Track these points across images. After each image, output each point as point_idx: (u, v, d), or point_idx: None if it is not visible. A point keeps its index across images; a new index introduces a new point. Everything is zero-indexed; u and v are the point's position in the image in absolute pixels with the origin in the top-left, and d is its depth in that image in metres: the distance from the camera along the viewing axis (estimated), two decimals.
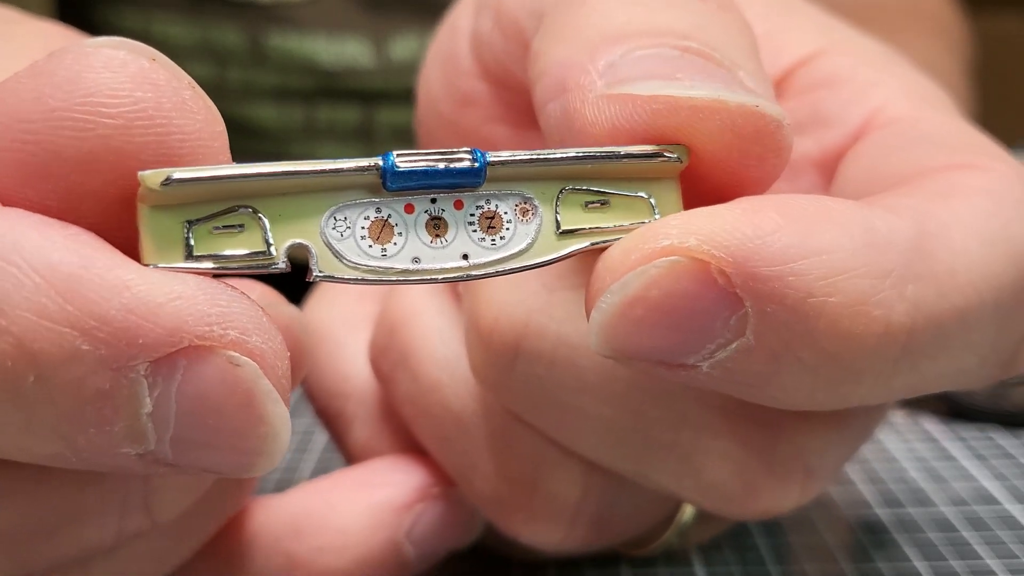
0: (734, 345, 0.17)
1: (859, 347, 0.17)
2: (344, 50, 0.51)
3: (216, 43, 0.51)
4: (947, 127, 0.22)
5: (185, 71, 0.17)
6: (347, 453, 0.27)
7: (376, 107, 0.51)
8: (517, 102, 0.25)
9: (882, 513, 0.29)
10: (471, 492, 0.24)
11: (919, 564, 0.26)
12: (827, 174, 0.23)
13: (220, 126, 0.17)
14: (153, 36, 0.51)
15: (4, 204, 0.16)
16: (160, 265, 0.16)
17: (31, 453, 0.16)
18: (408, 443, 0.26)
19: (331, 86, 0.51)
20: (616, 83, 0.18)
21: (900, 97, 0.23)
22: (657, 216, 0.18)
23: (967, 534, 0.28)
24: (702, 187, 0.19)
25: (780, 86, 0.24)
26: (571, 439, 0.22)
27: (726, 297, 0.17)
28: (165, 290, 0.16)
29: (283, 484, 0.31)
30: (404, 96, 0.46)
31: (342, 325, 0.28)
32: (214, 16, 0.51)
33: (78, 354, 0.15)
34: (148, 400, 0.16)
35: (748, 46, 0.20)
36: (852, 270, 0.17)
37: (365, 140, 0.52)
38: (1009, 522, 0.28)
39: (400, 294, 0.25)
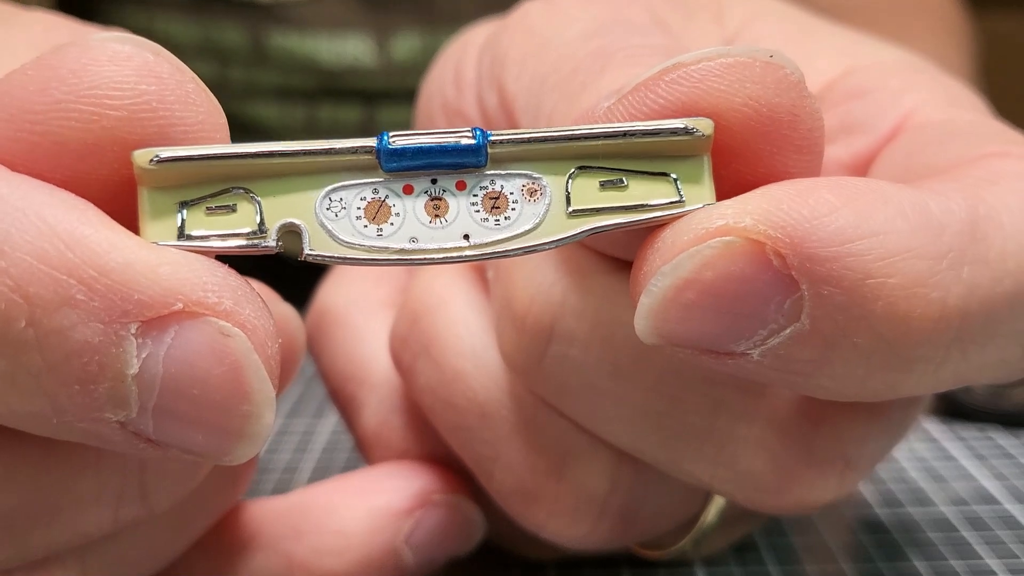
0: (788, 331, 0.17)
1: (915, 331, 0.17)
2: (345, 49, 0.51)
3: (218, 42, 0.51)
4: (979, 124, 0.22)
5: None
6: (357, 437, 0.27)
7: (378, 106, 0.51)
8: None
9: (882, 513, 0.29)
10: (492, 485, 0.24)
11: (919, 564, 0.26)
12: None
13: (222, 119, 0.18)
14: (155, 34, 0.51)
15: None
16: (157, 242, 0.17)
17: (12, 410, 0.16)
18: (419, 433, 0.26)
19: (332, 85, 0.51)
20: (616, 95, 0.18)
21: (931, 101, 0.23)
22: (682, 196, 0.18)
23: (967, 534, 0.28)
24: (736, 172, 0.18)
25: None
26: (603, 426, 0.22)
27: (781, 279, 0.17)
28: (164, 255, 0.16)
29: (282, 484, 0.32)
30: (406, 95, 0.46)
31: (357, 308, 0.28)
32: (215, 15, 0.51)
33: (72, 302, 0.15)
34: (135, 361, 0.16)
35: None
36: (910, 250, 0.17)
37: None
38: (1009, 522, 0.28)
39: (423, 281, 0.25)
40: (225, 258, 0.17)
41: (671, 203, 0.17)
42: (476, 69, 0.26)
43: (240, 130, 0.52)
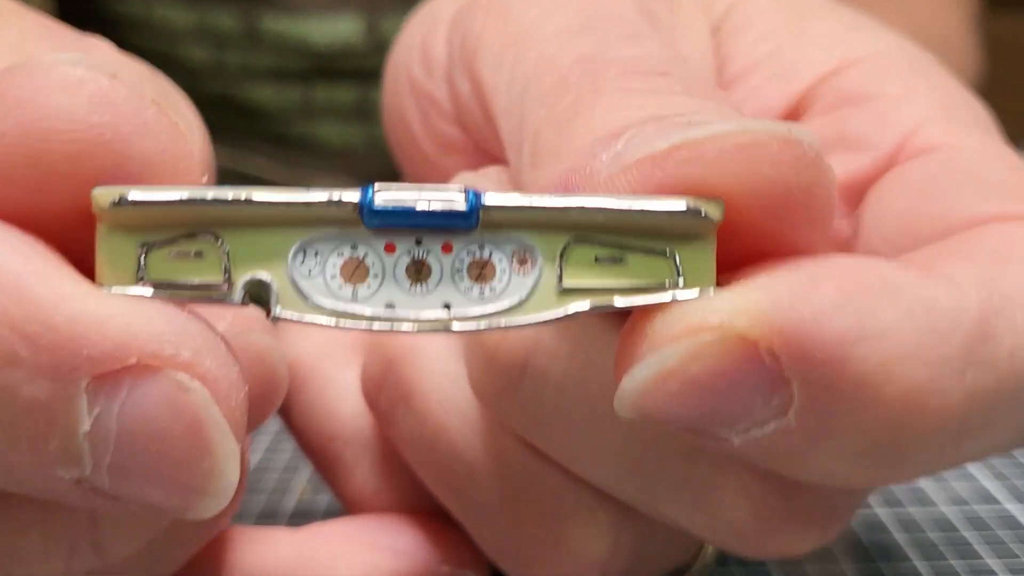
0: (772, 425, 0.16)
1: (909, 435, 0.16)
2: (337, 30, 0.50)
3: (213, 27, 0.50)
4: (990, 160, 0.21)
5: (185, 54, 0.16)
6: (347, 499, 0.25)
7: (372, 86, 0.51)
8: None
9: (882, 513, 0.29)
10: (484, 545, 0.22)
11: (919, 564, 0.26)
12: (852, 201, 0.22)
13: (189, 147, 0.16)
14: (154, 21, 0.50)
15: None
16: (112, 288, 0.16)
17: None
18: (416, 489, 0.24)
19: (326, 67, 0.51)
20: (623, 161, 0.17)
21: (934, 118, 0.22)
22: (680, 279, 0.16)
23: (967, 534, 0.27)
24: (739, 245, 0.17)
25: (800, 105, 0.23)
26: (580, 466, 0.21)
27: (772, 377, 0.16)
28: (117, 304, 0.15)
29: (282, 483, 0.31)
30: None
31: (328, 358, 0.26)
32: (210, 0, 0.50)
33: (16, 360, 0.15)
34: (87, 418, 0.15)
35: None
36: (912, 356, 0.16)
37: (363, 119, 0.52)
38: (1009, 522, 0.28)
39: None
40: None
41: (668, 286, 0.16)
42: (446, 48, 0.24)
43: (239, 112, 0.52)
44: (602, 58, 0.20)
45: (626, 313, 0.17)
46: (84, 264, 0.16)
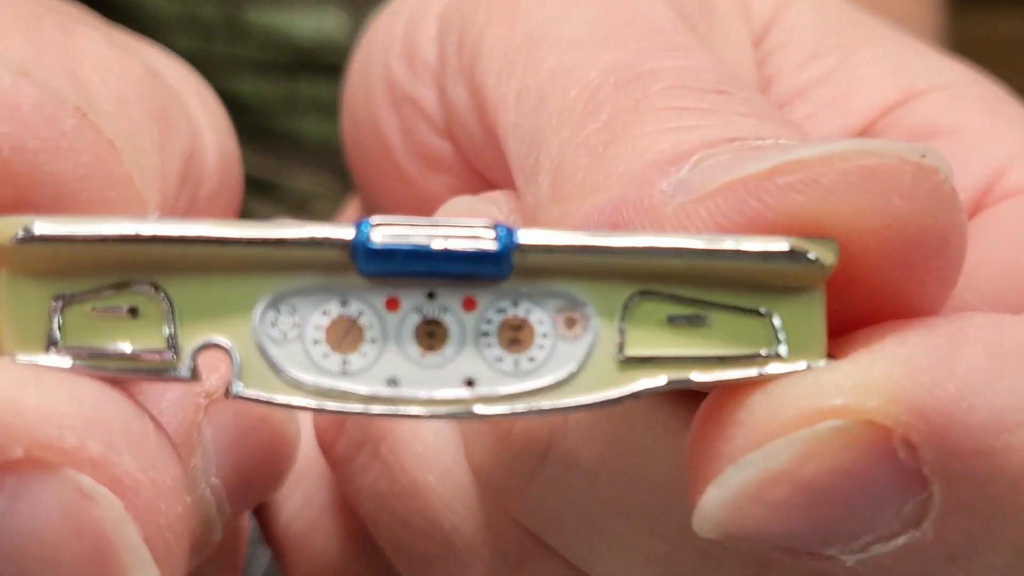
0: (901, 539, 0.13)
1: None
2: (320, 25, 0.49)
3: (198, 17, 0.50)
4: None
5: (171, 45, 0.14)
6: (273, 537, 0.21)
7: None
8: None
9: None
10: None
11: None
12: None
13: (120, 168, 0.13)
14: (143, 10, 0.50)
15: None
16: (17, 356, 0.12)
17: None
18: (359, 542, 0.20)
19: (310, 61, 0.50)
20: (698, 189, 0.13)
21: (1020, 155, 0.19)
22: (782, 347, 0.13)
23: None
24: (846, 304, 0.14)
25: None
26: (608, 574, 0.17)
27: (907, 477, 0.13)
28: (4, 374, 0.12)
29: None
30: None
31: None
32: None
33: None
34: None
35: None
36: None
37: None
38: None
39: None
40: None
41: (767, 357, 0.13)
42: (437, 49, 0.21)
43: (224, 105, 0.51)
44: (641, 70, 0.16)
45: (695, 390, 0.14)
46: None
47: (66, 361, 0.12)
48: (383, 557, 0.19)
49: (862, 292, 0.14)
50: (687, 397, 0.14)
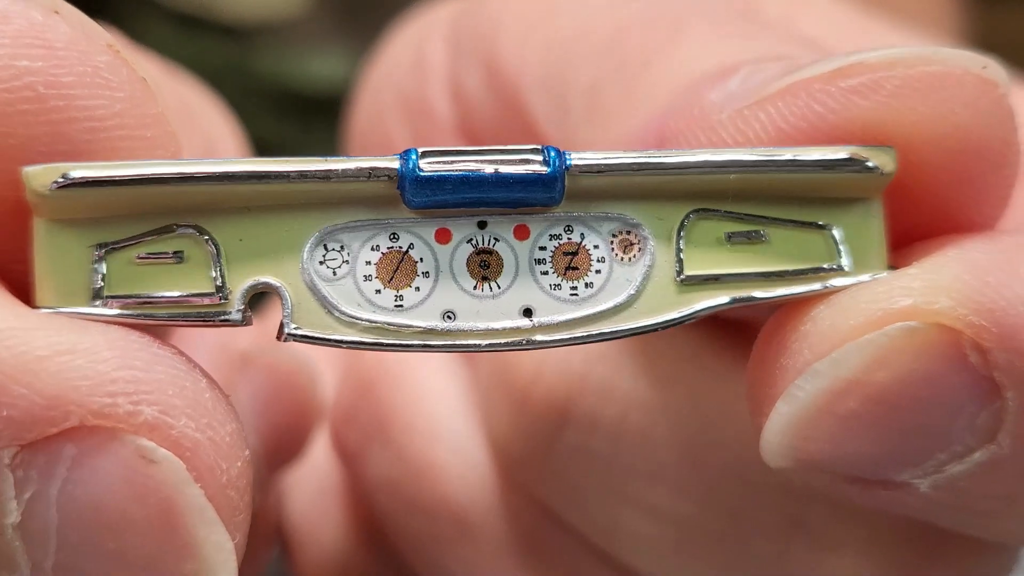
0: (977, 455, 0.12)
1: None
2: (330, 70, 0.49)
3: (206, 62, 0.50)
4: None
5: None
6: (283, 535, 0.21)
7: None
8: None
9: None
10: None
11: None
12: None
13: (155, 107, 0.12)
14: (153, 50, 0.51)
15: None
16: (59, 309, 0.12)
17: None
18: (367, 529, 0.20)
19: (322, 104, 0.50)
20: (756, 93, 0.13)
21: None
22: (844, 260, 0.13)
23: None
24: (901, 218, 0.13)
25: None
26: (627, 549, 0.16)
27: (979, 384, 0.12)
28: (51, 340, 0.11)
29: None
30: None
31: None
32: (201, 35, 0.50)
33: None
34: (14, 504, 0.11)
35: None
36: None
37: None
38: None
39: None
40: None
41: (829, 270, 0.13)
42: (446, 50, 0.21)
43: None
44: (670, 12, 0.16)
45: (731, 318, 0.13)
46: (17, 279, 0.12)
47: (113, 311, 0.12)
48: (390, 552, 0.19)
49: (918, 206, 0.13)
50: (720, 337, 0.14)
